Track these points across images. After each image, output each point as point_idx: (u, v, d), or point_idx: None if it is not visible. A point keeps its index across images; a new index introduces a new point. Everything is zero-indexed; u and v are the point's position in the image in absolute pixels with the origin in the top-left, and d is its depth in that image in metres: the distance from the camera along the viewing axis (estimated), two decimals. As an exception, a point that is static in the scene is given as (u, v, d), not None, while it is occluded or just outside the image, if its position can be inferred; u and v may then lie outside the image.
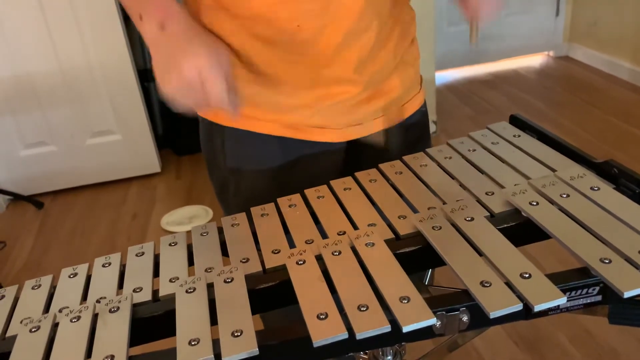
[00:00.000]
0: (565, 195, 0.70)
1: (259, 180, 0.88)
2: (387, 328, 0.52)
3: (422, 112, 0.97)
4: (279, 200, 0.79)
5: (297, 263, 0.63)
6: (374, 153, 0.90)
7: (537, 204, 0.69)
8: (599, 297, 0.60)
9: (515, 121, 0.94)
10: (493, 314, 0.53)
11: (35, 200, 2.51)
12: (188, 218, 2.30)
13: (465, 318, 0.58)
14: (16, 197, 2.52)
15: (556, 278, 0.57)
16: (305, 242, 0.69)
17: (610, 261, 0.57)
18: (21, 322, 0.61)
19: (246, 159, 0.87)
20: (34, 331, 0.59)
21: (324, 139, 0.86)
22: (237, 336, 0.53)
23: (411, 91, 0.93)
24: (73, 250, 2.20)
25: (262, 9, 0.75)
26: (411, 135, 0.95)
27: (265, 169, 0.87)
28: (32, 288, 0.69)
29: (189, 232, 0.76)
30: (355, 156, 0.91)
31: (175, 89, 0.67)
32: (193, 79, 0.66)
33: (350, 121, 0.86)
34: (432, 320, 0.52)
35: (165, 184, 2.61)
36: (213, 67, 0.66)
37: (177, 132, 2.83)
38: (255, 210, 0.78)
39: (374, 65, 0.83)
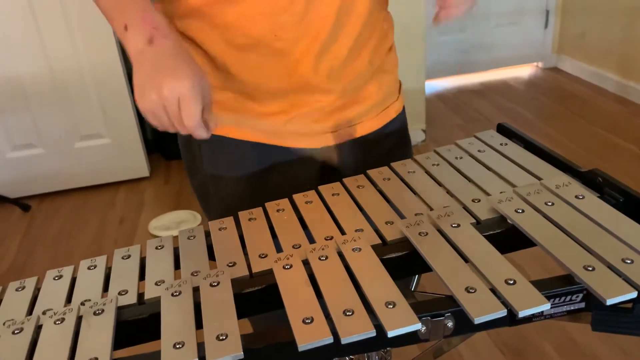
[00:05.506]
0: (550, 204, 0.70)
1: (235, 186, 0.88)
2: (372, 333, 0.52)
3: (401, 119, 0.97)
4: (267, 204, 0.79)
5: (283, 267, 0.63)
6: (351, 159, 0.91)
7: (523, 211, 0.69)
8: (583, 304, 0.61)
9: (502, 130, 0.95)
10: (477, 320, 0.53)
11: (22, 203, 2.49)
12: (176, 223, 2.29)
13: (450, 323, 0.58)
14: (2, 200, 2.49)
15: (540, 285, 0.58)
16: (293, 247, 0.69)
17: (593, 269, 0.58)
18: (4, 324, 0.60)
19: (223, 165, 0.87)
20: (17, 333, 0.58)
21: (300, 145, 0.86)
22: (222, 340, 0.53)
23: (389, 98, 0.94)
24: (59, 254, 2.18)
25: (239, 20, 0.76)
26: (390, 142, 0.95)
27: (242, 175, 0.87)
28: (16, 290, 0.69)
29: (176, 236, 0.76)
30: (333, 162, 0.91)
31: (151, 106, 0.66)
32: (171, 102, 0.65)
33: (326, 128, 0.87)
34: (417, 326, 0.53)
35: (154, 189, 2.59)
36: (192, 93, 0.65)
37: (166, 137, 2.82)
38: (243, 215, 0.78)
39: (348, 74, 0.84)
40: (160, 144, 2.84)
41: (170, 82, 0.65)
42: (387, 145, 0.95)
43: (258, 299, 0.63)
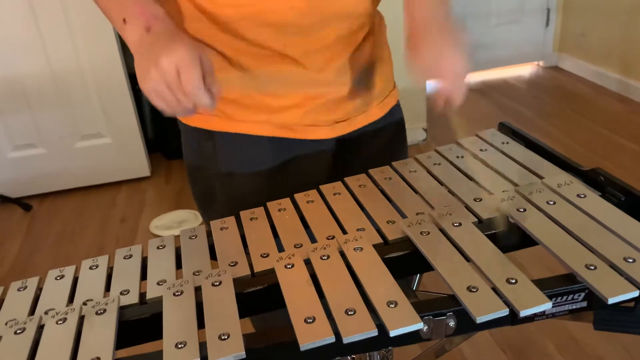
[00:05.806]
0: (552, 202, 0.70)
1: (252, 183, 0.88)
2: (374, 332, 0.52)
3: (398, 111, 0.99)
4: (268, 204, 0.79)
5: (285, 267, 0.63)
6: (359, 150, 0.93)
7: (525, 210, 0.69)
8: (584, 303, 0.61)
9: (503, 129, 0.95)
10: (479, 319, 0.53)
11: (23, 203, 2.49)
12: (177, 222, 2.29)
13: (452, 323, 0.58)
14: (3, 200, 2.49)
15: (542, 284, 0.57)
16: (294, 246, 0.69)
17: (595, 267, 0.58)
18: (6, 324, 0.61)
19: (239, 163, 0.88)
20: (19, 333, 0.58)
21: (316, 136, 0.88)
22: (224, 339, 0.53)
23: (388, 87, 0.96)
24: (61, 254, 2.18)
25: (247, 31, 0.78)
26: (390, 131, 0.97)
27: (259, 171, 0.88)
28: (18, 290, 0.69)
29: (177, 236, 0.76)
30: (342, 154, 0.93)
31: (153, 84, 0.66)
32: (170, 73, 0.65)
33: (338, 117, 0.88)
34: (419, 325, 0.53)
35: (155, 188, 2.59)
36: (189, 59, 0.65)
37: (167, 136, 2.82)
38: (244, 214, 0.78)
39: (354, 68, 0.86)
40: (161, 144, 2.84)
41: (166, 55, 0.65)
42: (389, 134, 0.97)
43: (260, 298, 0.63)
